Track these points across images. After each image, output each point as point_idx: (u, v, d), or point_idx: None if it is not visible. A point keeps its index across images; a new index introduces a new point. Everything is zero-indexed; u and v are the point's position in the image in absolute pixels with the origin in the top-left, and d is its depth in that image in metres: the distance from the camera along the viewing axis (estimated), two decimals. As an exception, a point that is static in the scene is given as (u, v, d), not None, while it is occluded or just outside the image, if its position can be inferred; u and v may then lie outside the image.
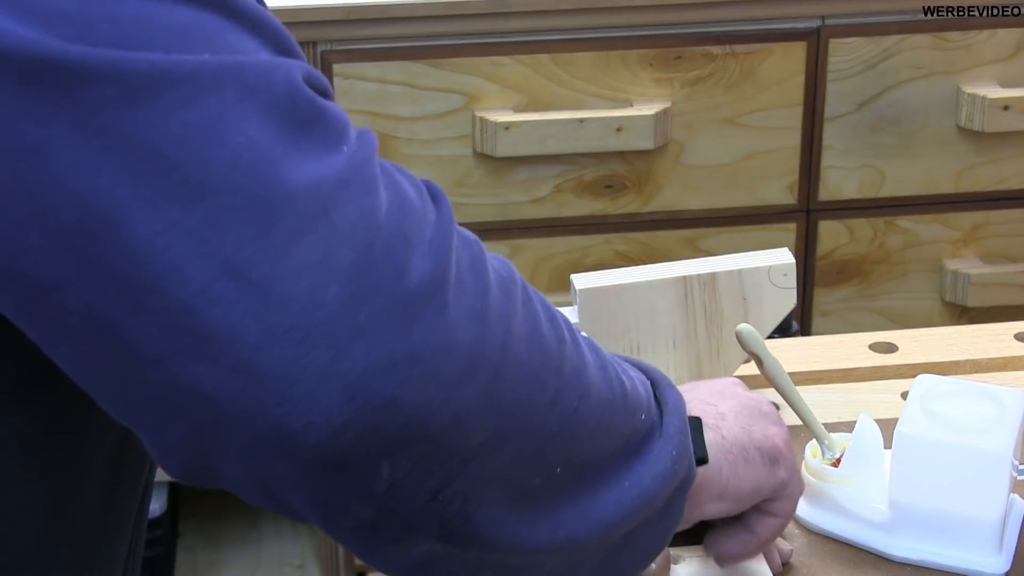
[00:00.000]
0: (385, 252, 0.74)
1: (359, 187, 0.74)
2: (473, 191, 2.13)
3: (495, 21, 2.08)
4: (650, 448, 0.88)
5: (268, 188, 0.72)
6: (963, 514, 1.05)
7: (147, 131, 0.71)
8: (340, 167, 0.74)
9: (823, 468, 1.11)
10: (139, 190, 0.71)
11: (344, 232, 0.73)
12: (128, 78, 0.71)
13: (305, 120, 0.74)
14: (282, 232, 0.72)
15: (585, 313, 1.24)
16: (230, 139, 0.72)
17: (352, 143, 0.76)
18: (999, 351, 1.33)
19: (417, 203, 0.77)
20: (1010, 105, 2.14)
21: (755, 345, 1.15)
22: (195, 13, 0.73)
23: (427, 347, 0.74)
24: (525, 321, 0.81)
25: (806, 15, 2.13)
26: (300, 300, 0.72)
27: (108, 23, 0.72)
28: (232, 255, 0.71)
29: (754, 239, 2.18)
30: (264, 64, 0.74)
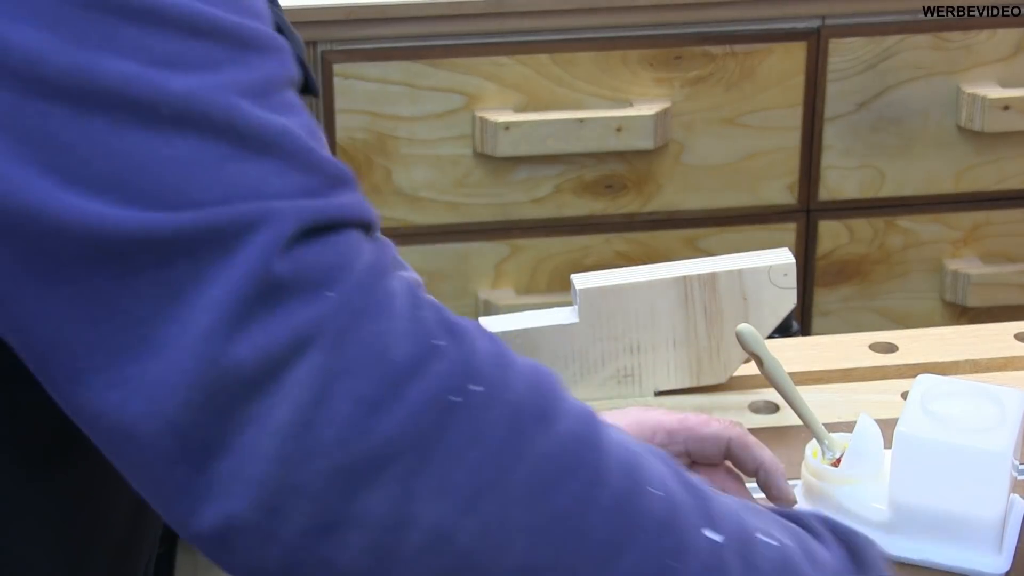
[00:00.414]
0: (331, 413, 0.71)
1: (317, 345, 0.71)
2: (473, 191, 2.13)
3: (495, 21, 2.08)
4: None
5: (219, 355, 0.70)
6: (963, 514, 1.05)
7: (114, 290, 0.71)
8: (301, 325, 0.71)
9: (823, 468, 1.11)
10: (99, 340, 0.71)
11: (287, 393, 0.71)
12: (104, 239, 0.70)
13: (276, 282, 0.71)
14: (226, 397, 0.71)
15: (585, 313, 1.24)
16: (195, 301, 0.71)
17: (343, 284, 0.72)
18: (999, 351, 1.32)
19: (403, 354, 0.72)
20: (1010, 105, 2.14)
21: (755, 345, 1.15)
22: (196, 142, 0.72)
23: (375, 516, 0.71)
24: (551, 510, 0.73)
25: (806, 15, 2.13)
26: (236, 458, 0.71)
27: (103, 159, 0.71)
28: (177, 415, 0.71)
29: (754, 239, 2.18)
30: (245, 217, 0.71)
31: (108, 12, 0.71)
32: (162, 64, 0.72)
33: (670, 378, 1.27)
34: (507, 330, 1.24)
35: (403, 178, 2.12)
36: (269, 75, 0.75)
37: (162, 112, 0.71)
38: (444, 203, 2.14)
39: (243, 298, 0.71)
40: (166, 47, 0.72)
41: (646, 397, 1.27)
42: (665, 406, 1.25)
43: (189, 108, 0.72)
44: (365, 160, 2.10)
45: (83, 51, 0.71)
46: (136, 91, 0.71)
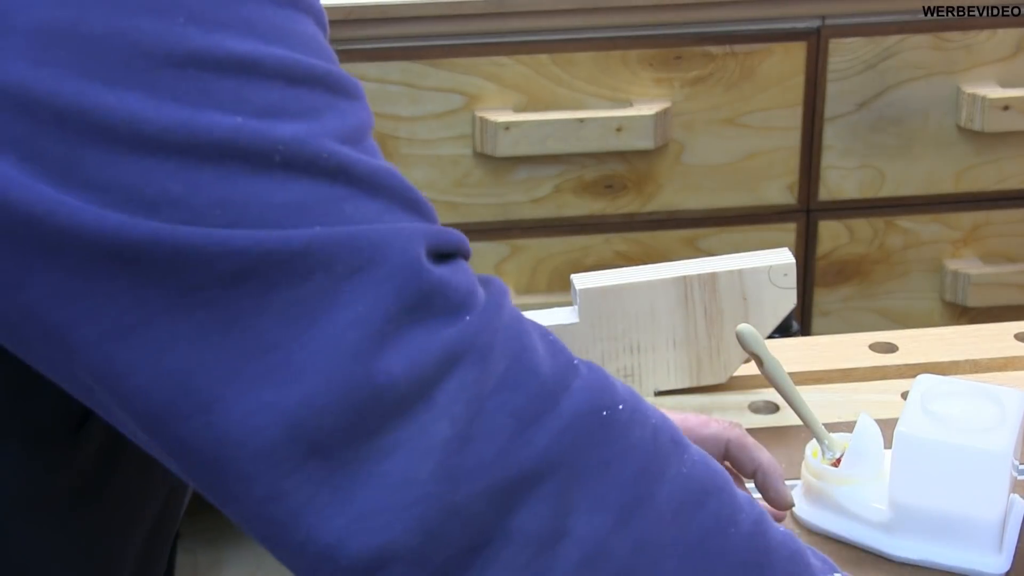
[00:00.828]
0: (488, 429, 0.70)
1: (467, 361, 0.71)
2: (473, 191, 2.13)
3: (495, 21, 2.08)
4: None
5: (365, 376, 0.69)
6: (963, 514, 1.05)
7: (248, 310, 0.69)
8: (451, 341, 0.71)
9: (823, 468, 1.11)
10: (236, 371, 0.70)
11: (443, 408, 0.70)
12: (233, 257, 0.69)
13: (423, 295, 0.71)
14: (376, 418, 0.69)
15: (585, 313, 1.24)
16: (335, 319, 0.70)
17: (476, 309, 0.72)
18: (999, 351, 1.32)
19: (548, 371, 0.73)
20: (1010, 105, 2.14)
21: (755, 345, 1.15)
22: (310, 185, 0.71)
23: (528, 531, 0.71)
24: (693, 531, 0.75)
25: (806, 15, 2.13)
26: (389, 480, 0.69)
27: (217, 207, 0.70)
28: (322, 440, 0.69)
29: (754, 239, 2.18)
30: (380, 234, 0.71)
31: (204, 69, 0.70)
32: (264, 114, 0.71)
33: (670, 378, 1.27)
34: (507, 330, 1.24)
35: (403, 178, 2.12)
36: (361, 120, 0.75)
37: (274, 159, 0.70)
38: (444, 203, 2.14)
39: (391, 313, 0.70)
40: (267, 97, 0.71)
41: (646, 397, 1.27)
42: (665, 406, 1.25)
43: (300, 153, 0.71)
44: (365, 160, 2.10)
45: (182, 108, 0.69)
46: (244, 141, 0.70)
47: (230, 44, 0.71)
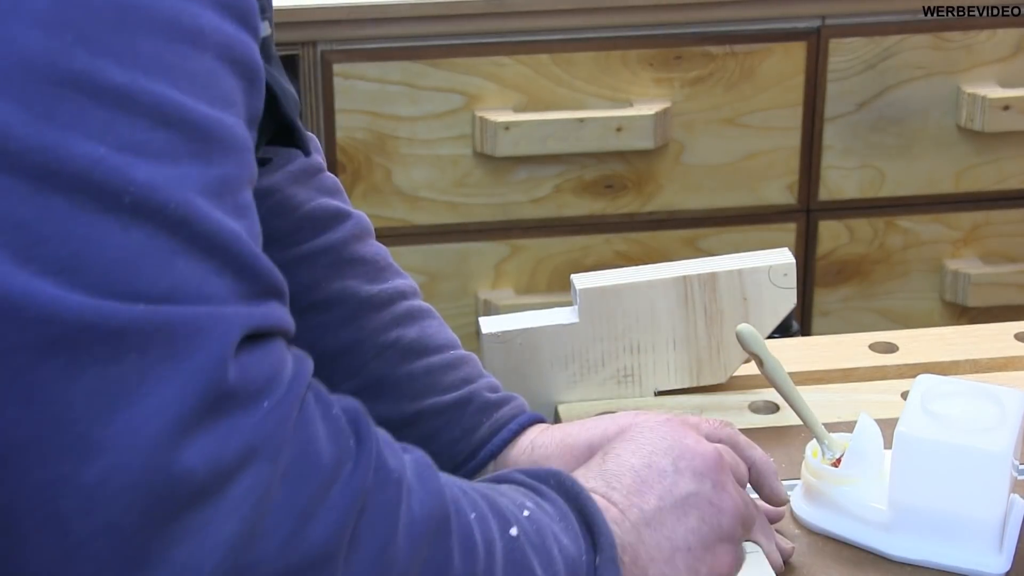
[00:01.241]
0: (272, 525, 0.72)
1: (261, 457, 0.72)
2: (473, 191, 2.13)
3: (495, 21, 2.08)
4: None
5: (165, 461, 0.70)
6: (963, 514, 1.05)
7: (58, 380, 0.70)
8: (247, 437, 0.72)
9: (823, 468, 1.11)
10: (37, 436, 0.70)
11: (232, 505, 0.71)
12: (53, 323, 0.69)
13: (223, 392, 0.72)
14: (170, 503, 0.70)
15: (585, 313, 1.24)
16: (141, 403, 0.70)
17: (273, 397, 0.73)
18: (999, 351, 1.32)
19: (327, 461, 0.75)
20: (1010, 105, 2.14)
21: (755, 345, 1.15)
22: (150, 234, 0.71)
23: None
24: (428, 568, 0.80)
25: (806, 15, 2.13)
26: (174, 569, 0.71)
27: (57, 243, 0.69)
28: (116, 517, 0.70)
29: (754, 239, 2.18)
30: (199, 323, 0.71)
31: (80, 92, 0.70)
32: (128, 151, 0.71)
33: (670, 378, 1.27)
34: (507, 330, 1.24)
35: (403, 178, 2.12)
36: (228, 174, 0.75)
37: (123, 200, 0.70)
38: (444, 203, 2.14)
39: (196, 405, 0.71)
40: (133, 134, 0.71)
41: (646, 397, 1.27)
42: (665, 406, 1.25)
43: (149, 199, 0.71)
44: (365, 160, 2.11)
45: (51, 129, 0.69)
46: (100, 175, 0.70)
47: (111, 72, 0.71)
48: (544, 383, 1.25)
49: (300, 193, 1.13)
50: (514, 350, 1.24)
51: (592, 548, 0.90)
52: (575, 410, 1.25)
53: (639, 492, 0.96)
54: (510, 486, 0.92)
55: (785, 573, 1.07)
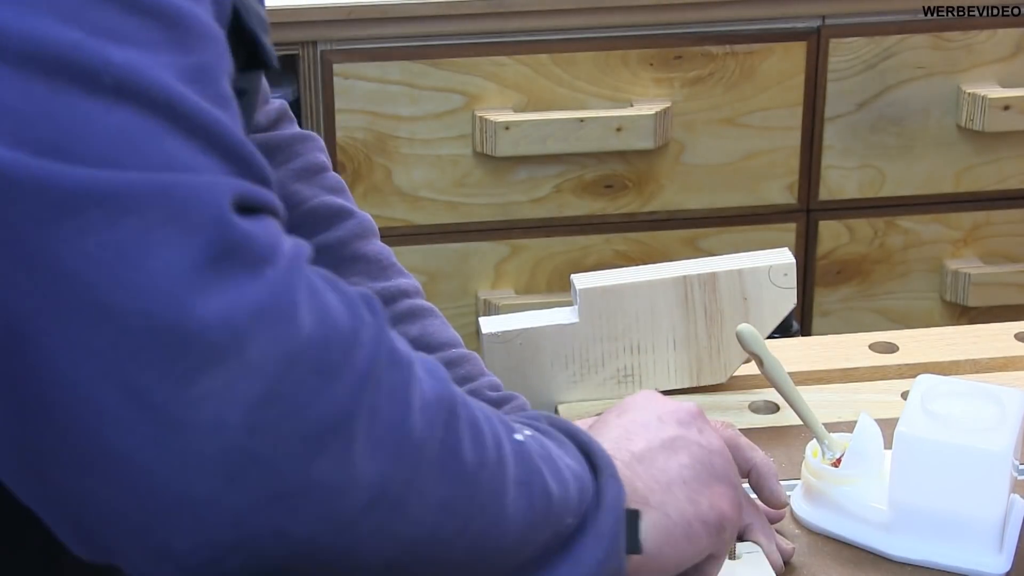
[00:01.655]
0: (294, 385, 0.73)
1: (276, 317, 0.72)
2: (473, 191, 2.13)
3: (495, 21, 2.08)
4: (577, 548, 0.87)
5: (179, 317, 0.71)
6: (963, 514, 1.05)
7: (63, 249, 0.70)
8: (259, 296, 0.72)
9: (823, 468, 1.11)
10: (49, 307, 0.70)
11: (255, 365, 0.72)
12: (51, 193, 0.70)
13: (228, 247, 0.72)
14: (188, 361, 0.71)
15: (585, 313, 1.24)
16: (147, 263, 0.71)
17: (278, 265, 0.74)
18: (999, 351, 1.32)
19: (345, 326, 0.75)
20: (1010, 105, 2.14)
21: (755, 345, 1.15)
22: (134, 115, 0.72)
23: (324, 482, 0.74)
24: (443, 449, 0.80)
25: (806, 15, 2.13)
26: (200, 427, 0.71)
27: (44, 123, 0.70)
28: (135, 380, 0.70)
29: (754, 239, 2.18)
30: (193, 186, 0.72)
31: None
32: (103, 35, 0.72)
33: (670, 378, 1.27)
34: (507, 330, 1.24)
35: (403, 178, 2.12)
36: (206, 63, 0.75)
37: (104, 81, 0.71)
38: (444, 203, 2.14)
39: (201, 263, 0.71)
40: (106, 19, 0.72)
41: (646, 397, 1.27)
42: (665, 406, 1.25)
43: (130, 80, 0.72)
44: (365, 160, 2.11)
45: (25, 14, 0.70)
46: (80, 58, 0.71)
47: None
48: (544, 383, 1.25)
49: (303, 190, 1.13)
50: (514, 350, 1.24)
51: (592, 470, 0.90)
52: (575, 410, 1.25)
53: (626, 439, 0.97)
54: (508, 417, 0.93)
55: (785, 573, 1.07)
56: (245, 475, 0.72)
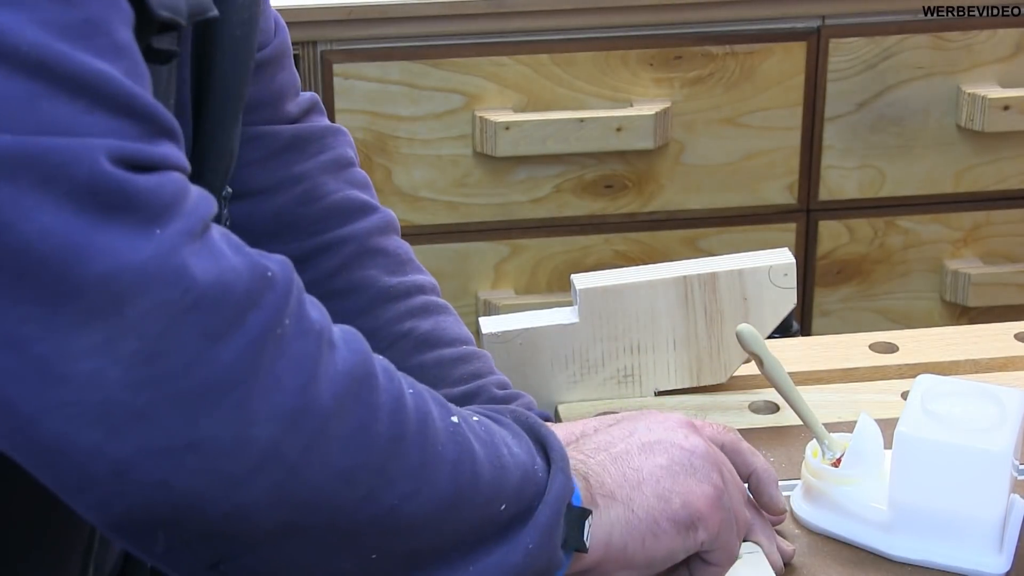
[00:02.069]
0: (177, 344, 0.73)
1: (159, 279, 0.73)
2: (473, 191, 2.13)
3: (495, 21, 2.08)
4: (513, 536, 0.88)
5: (62, 274, 0.72)
6: (963, 514, 1.05)
7: None
8: (142, 256, 0.73)
9: (823, 468, 1.11)
10: None
11: (133, 324, 0.73)
12: None
13: (110, 205, 0.73)
14: (69, 315, 0.72)
15: (585, 313, 1.24)
16: (23, 226, 0.71)
17: (169, 224, 0.74)
18: (999, 351, 1.32)
19: (240, 289, 0.76)
20: (1010, 105, 2.14)
21: (755, 345, 1.15)
22: (4, 80, 0.72)
23: (211, 439, 0.75)
24: (352, 419, 0.80)
25: (806, 15, 2.13)
26: (78, 380, 0.72)
27: None
28: (16, 329, 0.72)
29: (754, 239, 2.18)
30: (66, 148, 0.72)
31: None
32: None
33: (670, 378, 1.27)
34: (507, 330, 1.24)
35: (403, 178, 2.12)
36: (94, 15, 0.75)
37: None
38: (444, 203, 2.14)
39: (78, 224, 0.72)
40: None
41: (646, 397, 1.27)
42: (666, 406, 1.25)
43: (1, 43, 0.72)
44: (365, 160, 2.11)
45: None
46: None
47: None
48: (544, 383, 1.25)
49: (330, 183, 1.14)
50: (514, 350, 1.24)
51: (546, 464, 0.91)
52: (575, 410, 1.25)
53: (610, 443, 0.98)
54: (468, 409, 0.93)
55: (785, 573, 1.07)
56: (126, 428, 0.73)
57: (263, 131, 1.11)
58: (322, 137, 1.16)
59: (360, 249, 1.13)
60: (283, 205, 1.12)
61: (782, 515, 1.09)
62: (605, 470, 0.95)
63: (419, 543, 0.85)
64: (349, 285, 1.12)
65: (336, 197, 1.14)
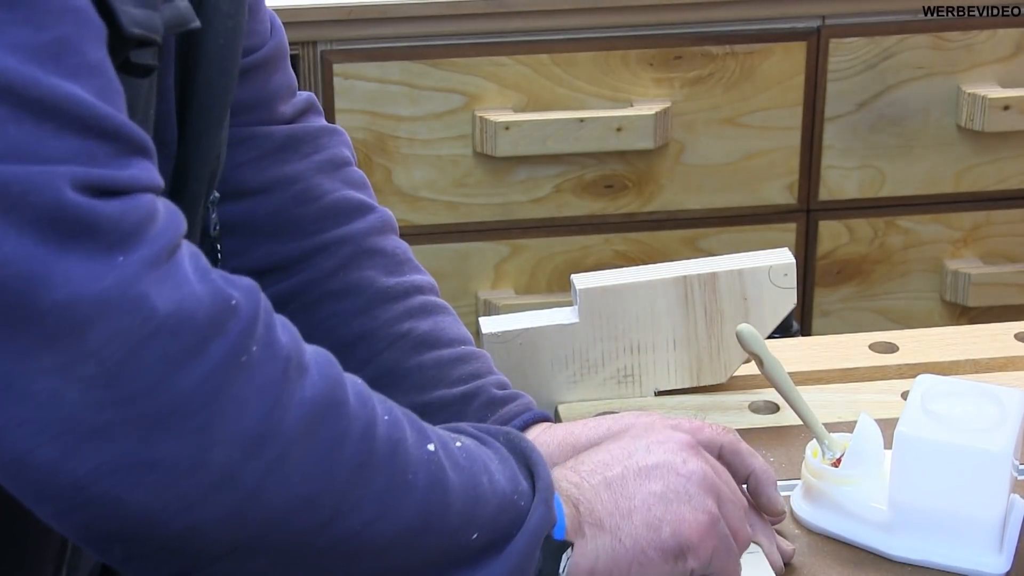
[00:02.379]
0: (136, 370, 0.75)
1: (118, 308, 0.75)
2: (473, 191, 2.13)
3: (495, 21, 2.08)
4: (484, 564, 0.88)
5: (23, 300, 0.73)
6: (963, 514, 1.05)
7: None
8: (103, 284, 0.74)
9: (823, 468, 1.11)
10: None
11: (92, 349, 0.74)
12: None
13: (72, 233, 0.74)
14: (30, 338, 0.74)
15: (585, 313, 1.24)
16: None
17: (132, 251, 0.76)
18: (999, 351, 1.32)
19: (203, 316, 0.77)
20: (1010, 105, 2.14)
21: (755, 345, 1.15)
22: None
23: (168, 460, 0.76)
24: (316, 446, 0.81)
25: (806, 15, 2.13)
26: (38, 399, 0.74)
27: None
28: None
29: (754, 239, 2.18)
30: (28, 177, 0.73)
31: None
32: None
33: (670, 378, 1.27)
34: (507, 330, 1.24)
35: (403, 178, 2.12)
36: (64, 35, 0.76)
37: None
38: (444, 203, 2.14)
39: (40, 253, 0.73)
40: None
41: (646, 397, 1.27)
42: (666, 406, 1.25)
43: None
44: (365, 160, 2.10)
45: None
46: None
47: None
48: (544, 383, 1.25)
49: (325, 183, 1.13)
50: (514, 350, 1.24)
51: (531, 490, 0.91)
52: (575, 410, 1.25)
53: (607, 464, 0.98)
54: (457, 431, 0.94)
55: (785, 573, 1.07)
56: (84, 446, 0.75)
57: (257, 132, 1.11)
58: (317, 137, 1.15)
59: (357, 250, 1.13)
60: (279, 205, 1.12)
61: (781, 516, 1.08)
62: (598, 496, 0.95)
63: (383, 566, 0.85)
64: (347, 286, 1.12)
65: (332, 197, 1.13)
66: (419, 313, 1.13)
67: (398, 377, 1.10)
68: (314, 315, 1.10)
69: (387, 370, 1.10)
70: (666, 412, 1.24)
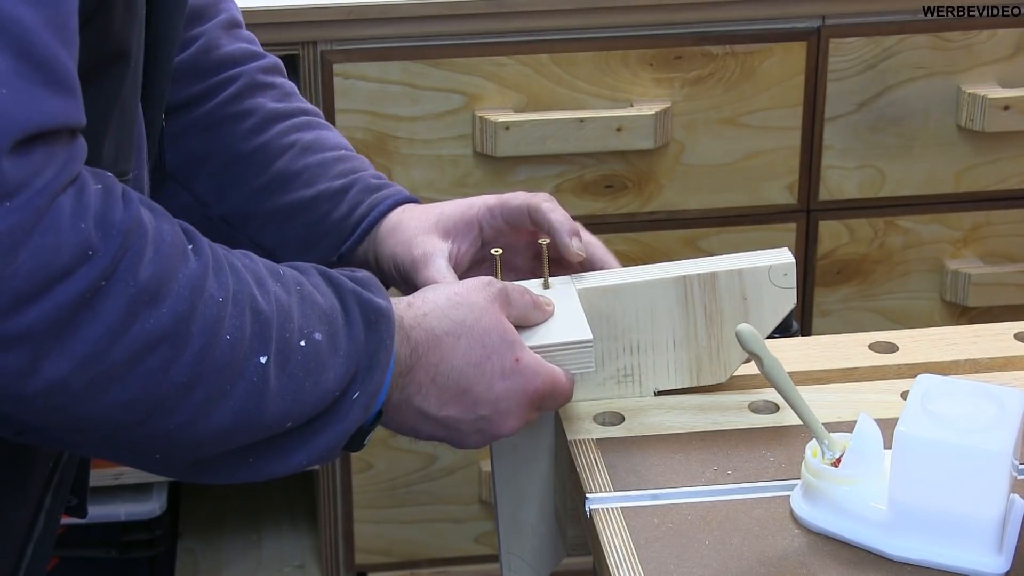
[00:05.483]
0: None
1: None
2: (473, 191, 2.13)
3: (495, 21, 2.08)
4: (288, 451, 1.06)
5: None
6: (963, 514, 1.05)
7: None
8: None
9: (823, 468, 1.11)
10: None
11: None
12: None
13: None
14: None
15: (585, 313, 1.24)
16: None
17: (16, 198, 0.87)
18: (999, 351, 1.32)
19: (57, 265, 0.90)
20: (1010, 105, 2.14)
21: (755, 345, 1.15)
22: None
23: (11, 370, 0.91)
24: (141, 369, 0.95)
25: (806, 15, 2.13)
26: None
27: None
28: None
29: (754, 239, 2.18)
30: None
31: None
32: None
33: (670, 378, 1.27)
34: (507, 330, 1.24)
35: (403, 178, 2.12)
36: None
37: None
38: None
39: None
40: None
41: (646, 397, 1.27)
42: (665, 406, 1.25)
43: None
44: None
45: None
46: None
47: None
48: (544, 383, 1.25)
49: (223, 38, 1.35)
50: (514, 350, 1.24)
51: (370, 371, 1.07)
52: (575, 410, 1.25)
53: None
54: None
55: (786, 573, 1.07)
56: None
57: None
58: (216, 3, 1.36)
59: (252, 82, 1.34)
60: (188, 57, 1.32)
61: (576, 261, 1.24)
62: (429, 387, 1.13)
63: (197, 455, 1.02)
64: (243, 109, 1.33)
65: (230, 48, 1.35)
66: (304, 127, 1.34)
67: (290, 178, 1.31)
68: (219, 134, 1.32)
69: (280, 173, 1.32)
70: (666, 412, 1.24)
